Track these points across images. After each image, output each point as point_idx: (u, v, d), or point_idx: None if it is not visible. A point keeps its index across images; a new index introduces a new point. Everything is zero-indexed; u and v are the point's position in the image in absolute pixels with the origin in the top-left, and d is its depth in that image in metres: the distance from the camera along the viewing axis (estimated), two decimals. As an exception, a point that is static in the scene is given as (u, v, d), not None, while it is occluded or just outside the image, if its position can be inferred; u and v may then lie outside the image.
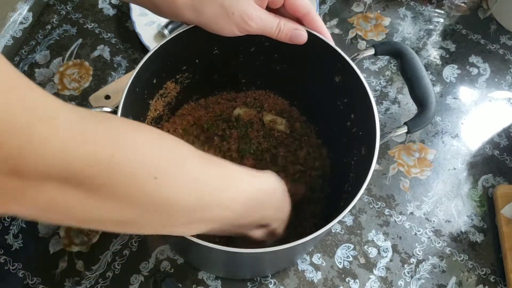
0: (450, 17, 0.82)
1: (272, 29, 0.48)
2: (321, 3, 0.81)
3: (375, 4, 0.82)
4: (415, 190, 0.67)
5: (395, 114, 0.72)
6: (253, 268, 0.58)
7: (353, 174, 0.54)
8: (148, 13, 0.73)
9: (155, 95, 0.56)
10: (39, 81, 0.70)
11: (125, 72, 0.73)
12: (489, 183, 0.68)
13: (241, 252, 0.41)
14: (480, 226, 0.65)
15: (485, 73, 0.77)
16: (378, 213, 0.65)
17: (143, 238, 0.61)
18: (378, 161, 0.47)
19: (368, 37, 0.79)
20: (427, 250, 0.63)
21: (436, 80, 0.76)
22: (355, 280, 0.61)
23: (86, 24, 0.76)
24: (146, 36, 0.72)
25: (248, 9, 0.46)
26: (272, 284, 0.60)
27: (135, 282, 0.59)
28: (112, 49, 0.74)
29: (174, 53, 0.52)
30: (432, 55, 0.78)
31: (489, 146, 0.71)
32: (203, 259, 0.55)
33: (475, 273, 0.62)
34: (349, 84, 0.51)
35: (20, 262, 0.59)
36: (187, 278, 0.60)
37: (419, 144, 0.71)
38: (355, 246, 0.63)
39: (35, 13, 0.76)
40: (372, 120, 0.47)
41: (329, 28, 0.77)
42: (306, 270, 0.61)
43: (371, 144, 0.47)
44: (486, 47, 0.79)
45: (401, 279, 0.61)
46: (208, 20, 0.46)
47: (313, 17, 0.49)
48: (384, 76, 0.76)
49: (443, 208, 0.66)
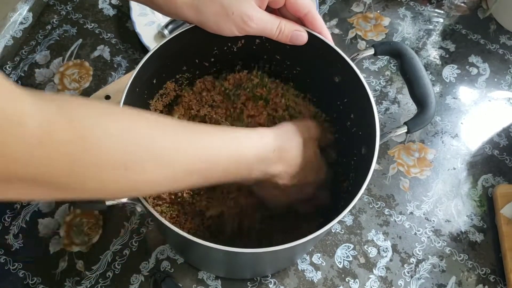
0: (450, 17, 0.82)
1: (272, 30, 0.48)
2: (321, 3, 0.81)
3: (374, 4, 0.82)
4: (415, 190, 0.67)
5: (394, 114, 0.72)
6: (253, 268, 0.58)
7: (353, 174, 0.54)
8: (148, 13, 0.74)
9: (155, 95, 0.56)
10: (39, 81, 0.71)
11: (125, 72, 0.73)
12: (488, 183, 0.68)
13: (241, 252, 0.41)
14: (480, 225, 0.65)
15: (484, 73, 0.77)
16: (378, 213, 0.65)
17: (144, 238, 0.62)
18: (378, 161, 0.47)
19: (368, 37, 0.79)
20: (427, 250, 0.63)
21: (435, 80, 0.76)
22: (355, 279, 0.61)
23: (86, 24, 0.76)
24: (146, 36, 0.72)
25: (248, 9, 0.46)
26: (272, 283, 0.60)
27: (135, 282, 0.59)
28: (112, 49, 0.75)
29: (174, 53, 0.52)
30: (432, 55, 0.78)
31: (489, 146, 0.71)
32: (203, 259, 0.55)
33: (475, 272, 0.62)
34: (349, 84, 0.51)
35: (20, 262, 0.59)
36: (187, 278, 0.60)
37: (418, 144, 0.71)
38: (355, 246, 0.63)
39: (35, 13, 0.76)
40: (372, 120, 0.47)
41: (328, 28, 0.77)
42: (306, 270, 0.61)
43: (371, 144, 0.47)
44: (485, 47, 0.79)
45: (401, 278, 0.61)
46: (207, 19, 0.46)
47: (314, 17, 0.49)
48: (383, 76, 0.76)
49: (443, 208, 0.66)
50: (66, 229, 0.61)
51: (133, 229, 0.62)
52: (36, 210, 0.62)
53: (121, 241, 0.61)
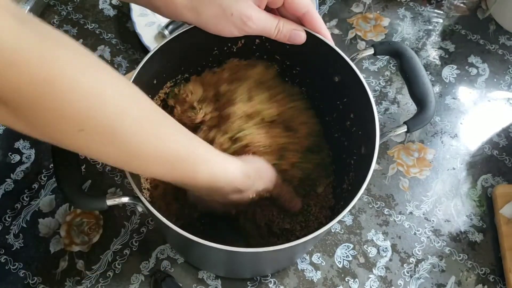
0: (449, 17, 0.82)
1: (271, 30, 0.48)
2: (321, 3, 0.81)
3: (374, 5, 0.82)
4: (415, 190, 0.67)
5: (394, 114, 0.73)
6: (253, 267, 0.58)
7: (353, 174, 0.55)
8: (148, 13, 0.74)
9: (155, 95, 0.56)
10: (40, 81, 0.71)
11: (125, 72, 0.73)
12: (488, 183, 0.69)
13: (241, 251, 0.41)
14: (479, 225, 0.66)
15: (484, 73, 0.77)
16: (377, 213, 0.65)
17: (144, 238, 0.62)
18: (377, 161, 0.48)
19: (368, 37, 0.79)
20: (426, 249, 0.63)
21: (435, 80, 0.76)
22: (355, 279, 0.61)
23: (86, 24, 0.77)
24: (146, 36, 0.72)
25: (247, 9, 0.46)
26: (272, 283, 0.60)
27: (135, 281, 0.59)
28: (112, 50, 0.75)
29: (174, 54, 0.52)
30: (432, 56, 0.78)
31: (488, 146, 0.72)
32: (203, 258, 0.55)
33: (474, 272, 0.62)
34: (349, 84, 0.51)
35: (21, 262, 0.60)
36: (187, 278, 0.60)
37: (418, 144, 0.71)
38: (355, 246, 0.63)
39: (36, 14, 0.76)
40: (372, 119, 0.48)
41: (328, 28, 0.77)
42: (305, 270, 0.61)
43: (370, 144, 0.47)
44: (485, 47, 0.79)
45: (400, 278, 0.61)
46: (207, 21, 0.47)
47: (313, 16, 0.50)
48: (383, 76, 0.76)
49: (443, 208, 0.66)
50: (67, 229, 0.62)
51: (133, 228, 0.62)
52: (36, 210, 0.62)
53: (121, 240, 0.61)
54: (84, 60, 0.31)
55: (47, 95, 0.28)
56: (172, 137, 0.39)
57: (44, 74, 0.28)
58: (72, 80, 0.29)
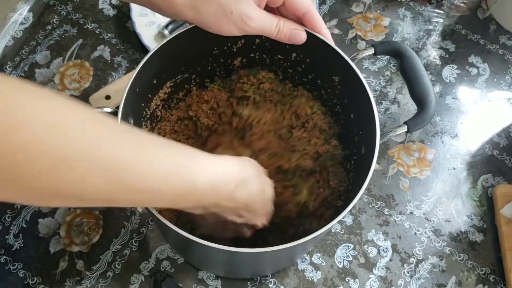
0: (450, 17, 0.82)
1: (271, 29, 0.48)
2: (321, 3, 0.81)
3: (374, 5, 0.82)
4: (415, 190, 0.67)
5: (394, 114, 0.72)
6: (253, 268, 0.58)
7: (353, 174, 0.54)
8: (148, 13, 0.74)
9: (155, 96, 0.56)
10: (40, 81, 0.71)
11: (125, 72, 0.73)
12: (488, 183, 0.68)
13: (241, 252, 0.41)
14: (480, 225, 0.65)
15: (484, 73, 0.77)
16: (377, 213, 0.65)
17: (144, 238, 0.62)
18: (377, 161, 0.47)
19: (368, 37, 0.79)
20: (426, 249, 0.63)
21: (435, 80, 0.76)
22: (355, 279, 0.61)
23: (86, 24, 0.77)
24: (146, 36, 0.72)
25: (247, 9, 0.46)
26: (272, 283, 0.60)
27: (135, 281, 0.59)
28: (112, 50, 0.75)
29: (174, 54, 0.52)
30: (432, 55, 0.78)
31: (489, 146, 0.71)
32: (203, 258, 0.55)
33: (475, 272, 0.62)
34: (349, 84, 0.51)
35: (21, 262, 0.59)
36: (187, 278, 0.60)
37: (418, 144, 0.71)
38: (355, 246, 0.63)
39: (36, 14, 0.76)
40: (372, 119, 0.47)
41: (328, 28, 0.77)
42: (306, 270, 0.61)
43: (371, 144, 0.47)
44: (485, 47, 0.79)
45: (400, 278, 0.61)
46: (207, 20, 0.47)
47: (312, 16, 0.49)
48: (383, 76, 0.76)
49: (443, 208, 0.66)
50: (66, 229, 0.62)
51: (133, 229, 0.62)
52: (36, 210, 0.62)
53: (121, 241, 0.61)
54: (40, 93, 0.29)
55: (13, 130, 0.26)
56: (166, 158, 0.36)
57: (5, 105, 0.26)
58: (36, 112, 0.27)
